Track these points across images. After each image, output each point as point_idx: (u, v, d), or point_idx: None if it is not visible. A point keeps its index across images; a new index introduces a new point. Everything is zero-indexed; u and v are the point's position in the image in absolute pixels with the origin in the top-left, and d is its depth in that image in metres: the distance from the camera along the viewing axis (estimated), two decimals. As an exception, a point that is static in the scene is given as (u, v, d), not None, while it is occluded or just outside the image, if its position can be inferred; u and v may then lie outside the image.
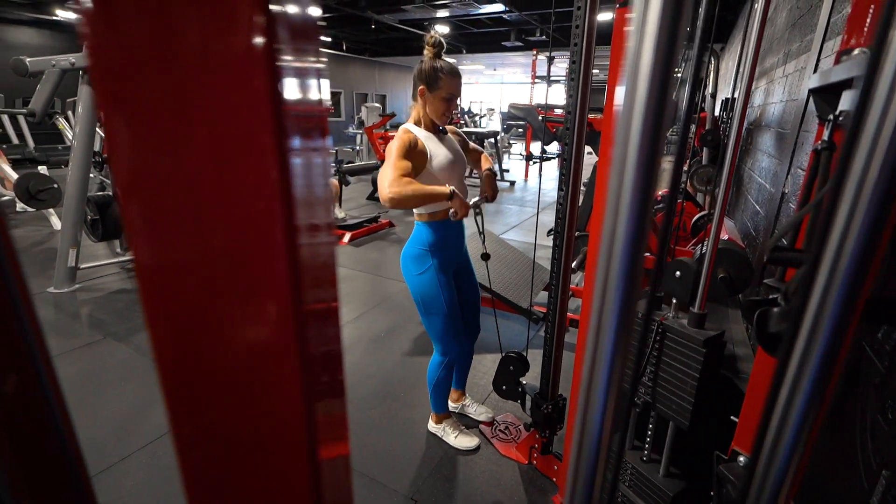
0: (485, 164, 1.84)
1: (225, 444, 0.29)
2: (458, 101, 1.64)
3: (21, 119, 7.33)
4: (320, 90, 0.29)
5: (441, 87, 1.55)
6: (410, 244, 1.72)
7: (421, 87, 1.57)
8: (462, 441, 1.91)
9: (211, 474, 0.30)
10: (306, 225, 0.25)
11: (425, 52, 1.58)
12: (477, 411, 2.11)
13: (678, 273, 1.32)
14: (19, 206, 5.34)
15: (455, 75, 1.57)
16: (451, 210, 1.55)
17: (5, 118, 7.29)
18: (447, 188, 1.51)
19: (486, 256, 1.76)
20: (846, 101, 0.76)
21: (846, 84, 0.73)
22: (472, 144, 1.86)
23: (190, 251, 0.25)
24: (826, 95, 0.84)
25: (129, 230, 0.24)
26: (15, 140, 7.50)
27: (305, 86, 0.27)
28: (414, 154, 1.54)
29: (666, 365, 1.31)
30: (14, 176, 4.53)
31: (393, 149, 1.53)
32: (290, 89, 0.24)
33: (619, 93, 0.27)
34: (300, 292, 0.25)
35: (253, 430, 0.29)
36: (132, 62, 0.23)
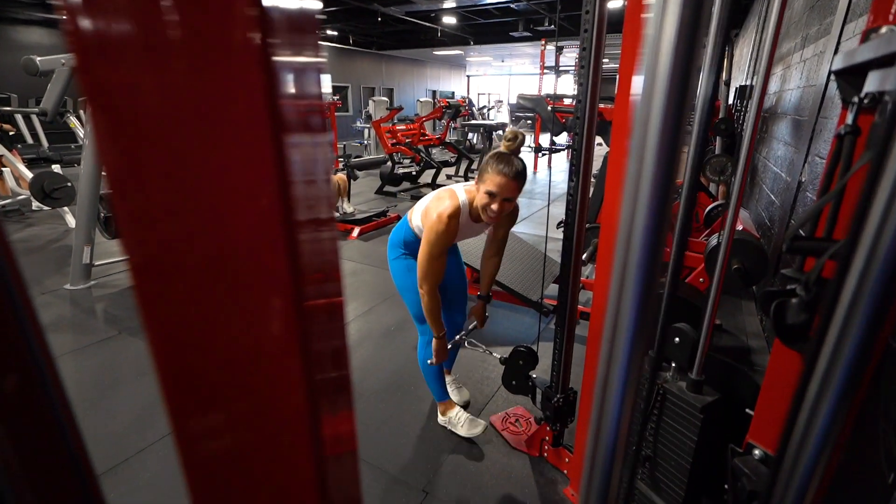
0: (490, 269, 1.87)
1: (227, 443, 0.28)
2: (501, 203, 1.46)
3: (35, 119, 7.44)
4: (318, 84, 0.27)
5: (485, 181, 1.45)
6: (395, 231, 1.80)
7: (478, 177, 1.52)
8: (469, 429, 1.91)
9: (213, 473, 0.29)
10: (306, 220, 0.24)
11: (502, 145, 1.53)
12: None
13: (677, 339, 1.36)
14: (35, 204, 5.44)
15: (501, 175, 1.42)
16: (432, 356, 1.71)
17: (20, 118, 7.41)
18: (441, 332, 1.66)
19: (503, 361, 1.85)
20: (873, 81, 0.73)
21: (874, 63, 0.70)
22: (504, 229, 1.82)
23: (185, 249, 0.24)
24: (850, 77, 0.80)
25: (122, 228, 0.23)
26: (30, 140, 7.62)
27: (302, 80, 0.26)
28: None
29: (666, 425, 1.37)
30: (29, 175, 4.60)
31: (437, 235, 1.50)
32: (286, 84, 0.23)
33: (637, 82, 0.25)
34: (301, 288, 0.24)
35: (255, 427, 0.28)
36: (119, 56, 0.22)
